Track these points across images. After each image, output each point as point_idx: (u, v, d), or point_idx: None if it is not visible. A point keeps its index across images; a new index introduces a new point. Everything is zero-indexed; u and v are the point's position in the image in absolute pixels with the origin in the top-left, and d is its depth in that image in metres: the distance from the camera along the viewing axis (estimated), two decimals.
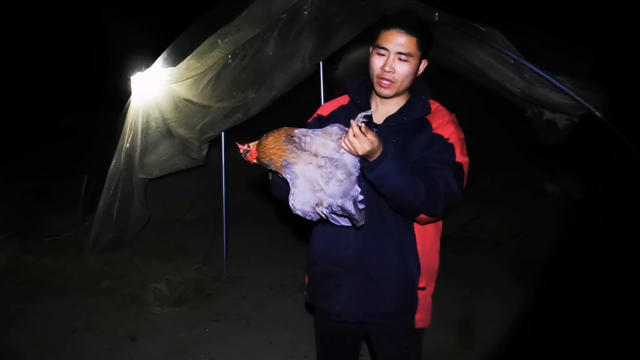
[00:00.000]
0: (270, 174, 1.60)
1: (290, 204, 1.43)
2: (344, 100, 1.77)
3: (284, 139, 1.43)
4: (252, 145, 1.49)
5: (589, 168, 5.39)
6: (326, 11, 3.14)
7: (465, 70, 3.52)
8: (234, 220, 4.15)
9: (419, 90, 1.65)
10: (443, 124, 1.59)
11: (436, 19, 2.83)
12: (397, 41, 1.51)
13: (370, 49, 1.61)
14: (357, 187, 1.42)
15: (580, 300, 3.32)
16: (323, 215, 1.43)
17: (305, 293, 1.87)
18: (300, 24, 3.17)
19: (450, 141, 1.55)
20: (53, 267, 3.77)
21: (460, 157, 1.55)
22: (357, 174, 1.42)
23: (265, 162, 1.46)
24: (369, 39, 1.65)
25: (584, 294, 3.37)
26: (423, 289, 1.68)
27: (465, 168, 1.56)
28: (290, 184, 1.43)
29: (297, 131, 1.46)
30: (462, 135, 1.60)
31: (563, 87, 2.86)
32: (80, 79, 8.43)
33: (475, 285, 3.75)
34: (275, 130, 1.46)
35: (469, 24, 2.87)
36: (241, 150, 1.50)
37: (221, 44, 2.95)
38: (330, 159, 1.40)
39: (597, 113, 2.83)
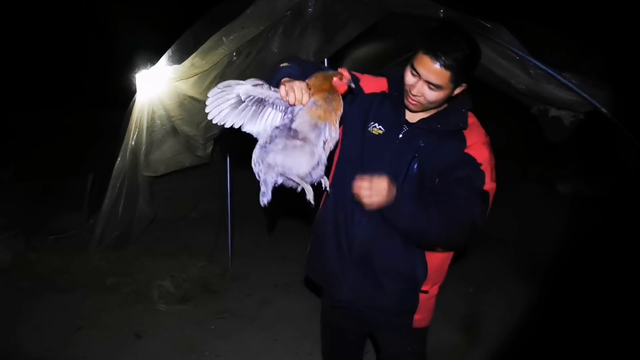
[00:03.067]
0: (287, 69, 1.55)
1: (265, 135, 1.45)
2: (384, 84, 1.67)
3: (327, 91, 1.42)
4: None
5: (595, 166, 5.36)
6: (330, 8, 3.14)
7: None
8: (239, 217, 4.15)
9: (459, 100, 1.57)
10: (478, 145, 1.54)
11: (441, 15, 2.82)
12: (430, 70, 1.41)
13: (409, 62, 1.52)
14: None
15: (585, 298, 3.30)
16: (259, 163, 1.43)
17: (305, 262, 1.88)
18: (304, 22, 3.17)
19: (482, 167, 1.51)
20: (58, 264, 3.78)
21: (489, 184, 1.52)
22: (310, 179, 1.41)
23: (310, 82, 1.43)
24: (411, 46, 1.62)
25: (588, 292, 3.36)
26: (425, 292, 1.67)
27: (491, 195, 1.53)
28: (284, 116, 1.44)
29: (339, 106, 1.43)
30: (494, 160, 1.55)
31: (569, 84, 2.84)
32: (85, 77, 8.46)
33: (480, 282, 3.74)
34: (334, 91, 1.44)
35: (474, 20, 2.85)
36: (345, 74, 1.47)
37: (226, 41, 2.95)
38: (315, 146, 1.39)
39: (603, 110, 2.81)
